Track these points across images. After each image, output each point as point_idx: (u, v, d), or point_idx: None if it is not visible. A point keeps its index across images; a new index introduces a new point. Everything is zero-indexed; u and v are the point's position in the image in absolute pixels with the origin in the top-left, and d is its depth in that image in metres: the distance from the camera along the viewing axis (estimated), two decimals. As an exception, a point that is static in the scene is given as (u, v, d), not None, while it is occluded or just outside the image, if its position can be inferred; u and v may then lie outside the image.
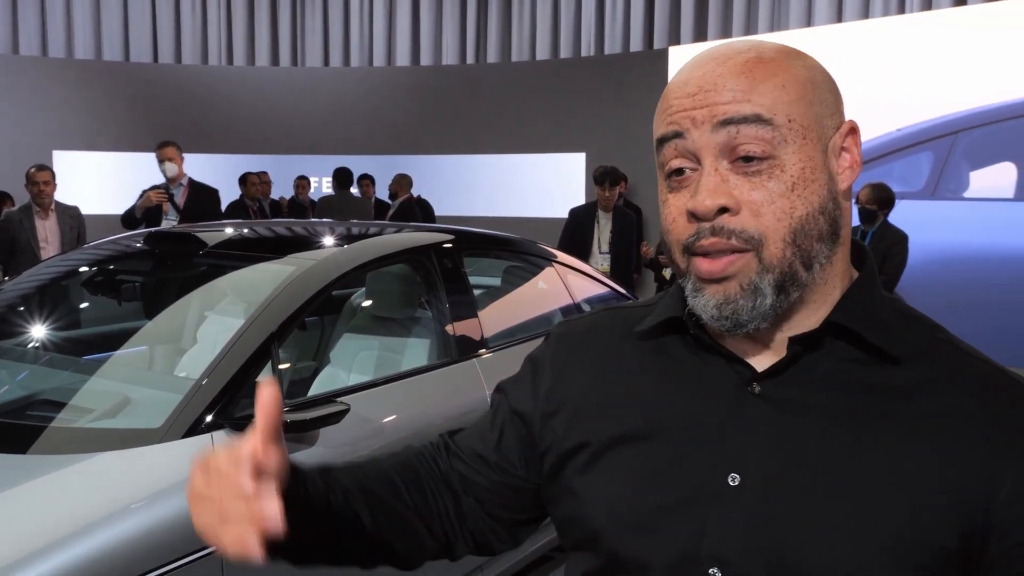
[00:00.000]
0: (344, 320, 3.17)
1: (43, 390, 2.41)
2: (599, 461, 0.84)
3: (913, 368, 0.76)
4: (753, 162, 0.74)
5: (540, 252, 3.58)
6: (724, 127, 0.74)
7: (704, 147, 0.75)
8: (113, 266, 3.18)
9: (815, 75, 0.78)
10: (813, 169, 0.75)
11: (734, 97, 0.74)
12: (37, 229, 5.21)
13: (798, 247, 0.74)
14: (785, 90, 0.75)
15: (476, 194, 10.55)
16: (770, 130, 0.74)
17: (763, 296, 0.75)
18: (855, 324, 0.77)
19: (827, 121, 0.77)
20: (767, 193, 0.74)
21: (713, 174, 0.75)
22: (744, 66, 0.75)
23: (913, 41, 7.29)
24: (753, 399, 0.78)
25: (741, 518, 0.75)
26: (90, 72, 10.69)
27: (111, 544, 1.68)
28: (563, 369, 0.92)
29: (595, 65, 10.12)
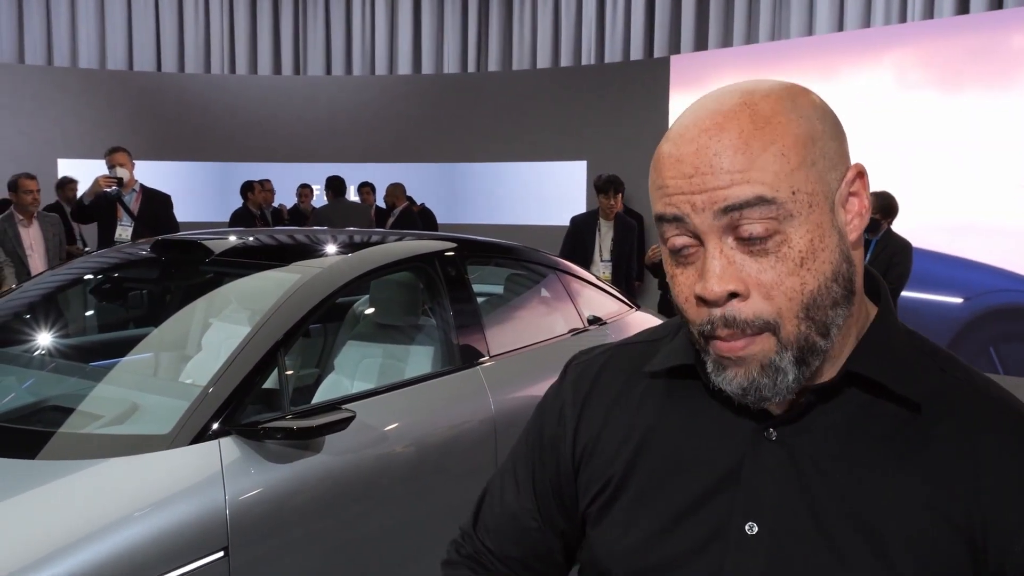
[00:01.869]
0: (348, 328, 3.18)
1: (51, 396, 2.42)
2: (614, 508, 0.84)
3: (930, 412, 0.75)
4: (757, 242, 0.71)
5: (542, 260, 3.60)
6: (726, 214, 0.71)
7: (706, 231, 0.72)
8: (120, 274, 3.20)
9: (815, 126, 0.73)
10: (822, 237, 0.71)
11: (732, 180, 0.70)
12: (22, 237, 5.23)
13: (812, 320, 0.72)
14: (786, 158, 0.70)
15: (478, 202, 10.57)
16: (774, 208, 0.70)
17: (784, 374, 0.73)
18: (876, 373, 0.75)
19: (831, 175, 0.73)
20: (776, 274, 0.71)
21: (719, 256, 0.72)
22: (739, 138, 0.71)
23: (915, 49, 7.32)
24: (769, 445, 0.77)
25: (758, 567, 0.75)
26: (94, 81, 10.74)
27: (119, 549, 1.69)
28: (580, 417, 0.90)
29: (596, 73, 10.15)
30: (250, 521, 1.94)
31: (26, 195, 5.23)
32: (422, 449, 2.48)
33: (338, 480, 2.18)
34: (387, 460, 2.36)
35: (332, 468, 2.17)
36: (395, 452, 2.40)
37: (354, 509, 2.24)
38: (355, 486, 2.24)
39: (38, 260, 5.30)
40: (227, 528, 1.89)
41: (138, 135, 10.45)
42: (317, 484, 2.13)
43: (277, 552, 2.03)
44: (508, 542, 0.96)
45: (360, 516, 2.27)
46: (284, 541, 2.04)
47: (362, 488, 2.26)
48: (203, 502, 1.87)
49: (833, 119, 0.76)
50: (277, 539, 2.02)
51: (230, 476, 1.94)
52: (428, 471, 2.49)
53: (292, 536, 2.06)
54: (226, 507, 1.90)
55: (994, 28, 7.02)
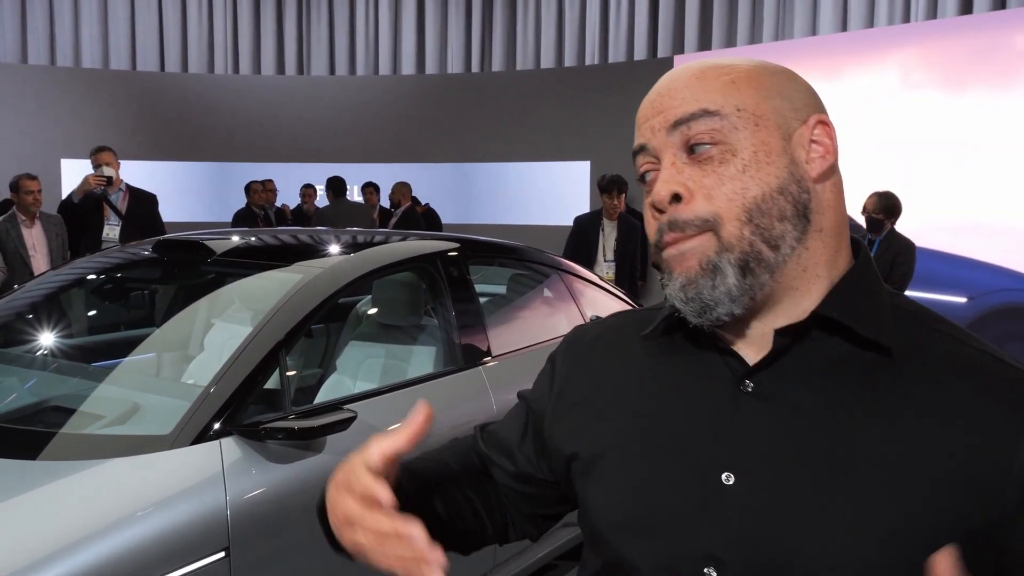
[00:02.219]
0: (350, 328, 3.18)
1: (53, 397, 2.42)
2: (599, 464, 0.86)
3: (907, 360, 0.76)
4: (703, 149, 0.77)
5: (545, 260, 3.59)
6: (676, 128, 0.78)
7: (662, 148, 0.80)
8: (122, 274, 3.20)
9: (777, 77, 0.81)
10: (768, 152, 0.77)
11: (683, 99, 0.79)
12: (24, 238, 5.23)
13: (756, 226, 0.76)
14: (735, 85, 0.78)
15: (481, 202, 10.57)
16: (718, 120, 0.77)
17: (723, 275, 0.76)
18: (844, 317, 0.77)
19: (789, 114, 0.79)
20: (718, 177, 0.77)
21: (669, 167, 0.79)
22: (698, 71, 0.80)
23: (918, 49, 7.30)
24: (746, 396, 0.79)
25: (735, 517, 0.76)
26: (97, 81, 10.76)
27: (120, 550, 1.69)
28: (570, 374, 0.95)
29: (599, 73, 10.15)
30: (251, 521, 1.94)
31: (27, 196, 5.23)
32: (423, 449, 2.47)
33: (340, 481, 2.18)
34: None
35: (333, 468, 2.16)
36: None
37: (356, 510, 2.24)
38: (357, 487, 2.23)
39: (41, 260, 5.30)
40: (228, 528, 1.89)
41: (141, 135, 10.47)
42: (319, 485, 2.11)
43: (278, 552, 2.02)
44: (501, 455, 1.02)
45: (362, 517, 2.26)
46: (285, 541, 2.04)
47: (364, 489, 2.25)
48: (204, 502, 1.87)
49: (805, 84, 0.83)
50: (278, 539, 2.02)
51: (231, 476, 1.94)
52: (430, 472, 2.49)
53: (293, 537, 2.06)
54: (227, 507, 1.90)
55: (997, 28, 7.00)
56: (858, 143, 7.39)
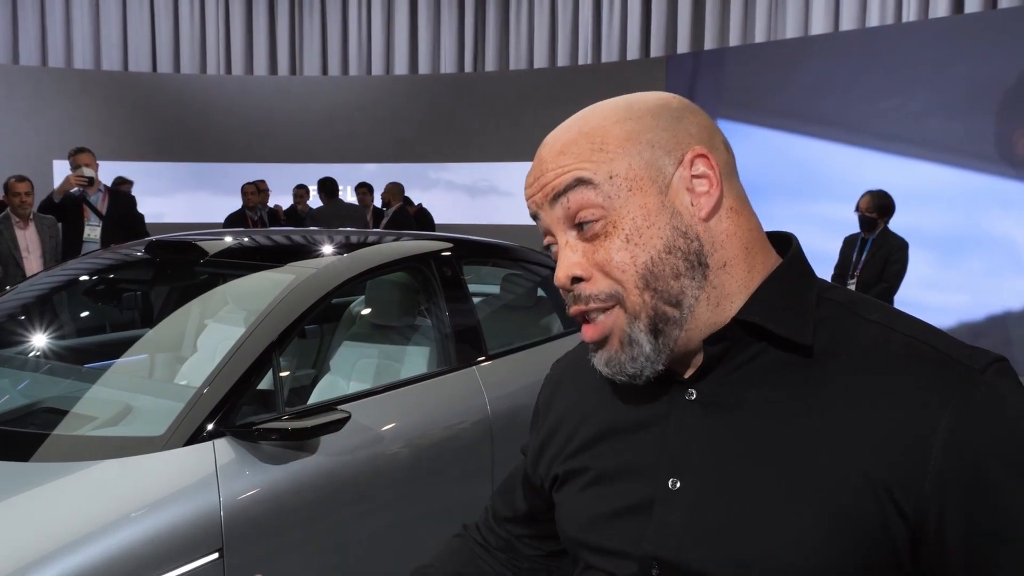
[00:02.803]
0: (344, 328, 3.17)
1: (45, 398, 2.41)
2: (568, 479, 0.92)
3: (832, 355, 0.77)
4: (588, 225, 0.80)
5: (539, 260, 3.59)
6: (557, 200, 0.81)
7: (552, 224, 0.83)
8: (114, 275, 3.20)
9: (643, 122, 0.81)
10: (647, 216, 0.79)
11: (557, 173, 0.81)
12: (18, 239, 5.21)
13: (655, 290, 0.78)
14: (603, 151, 0.80)
15: (474, 202, 10.56)
16: (592, 190, 0.79)
17: (639, 345, 0.80)
18: (763, 320, 0.79)
19: (664, 161, 0.80)
20: (607, 252, 0.79)
21: (565, 247, 0.82)
22: (564, 145, 0.82)
23: (910, 48, 7.32)
24: (689, 404, 0.82)
25: (680, 518, 0.79)
26: (89, 81, 10.72)
27: (113, 552, 1.69)
28: (549, 408, 1.01)
29: (592, 73, 10.16)
30: (245, 522, 1.94)
31: (13, 197, 5.22)
32: (418, 450, 2.47)
33: (333, 481, 2.18)
34: (382, 461, 2.36)
35: (327, 469, 2.16)
36: (390, 453, 2.39)
37: (349, 510, 2.24)
38: (350, 487, 2.23)
39: (34, 261, 5.28)
40: (222, 529, 1.88)
41: (133, 136, 10.45)
42: (312, 485, 2.12)
43: (272, 553, 2.02)
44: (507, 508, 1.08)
45: (355, 517, 2.26)
46: (279, 542, 2.04)
47: (357, 489, 2.26)
48: (198, 504, 1.86)
49: (672, 113, 0.82)
50: (272, 540, 2.02)
51: (225, 477, 1.94)
52: (424, 472, 2.49)
53: (287, 537, 2.05)
54: (221, 509, 1.89)
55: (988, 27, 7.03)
56: (853, 143, 7.41)
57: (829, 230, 5.79)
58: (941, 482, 0.71)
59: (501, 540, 1.09)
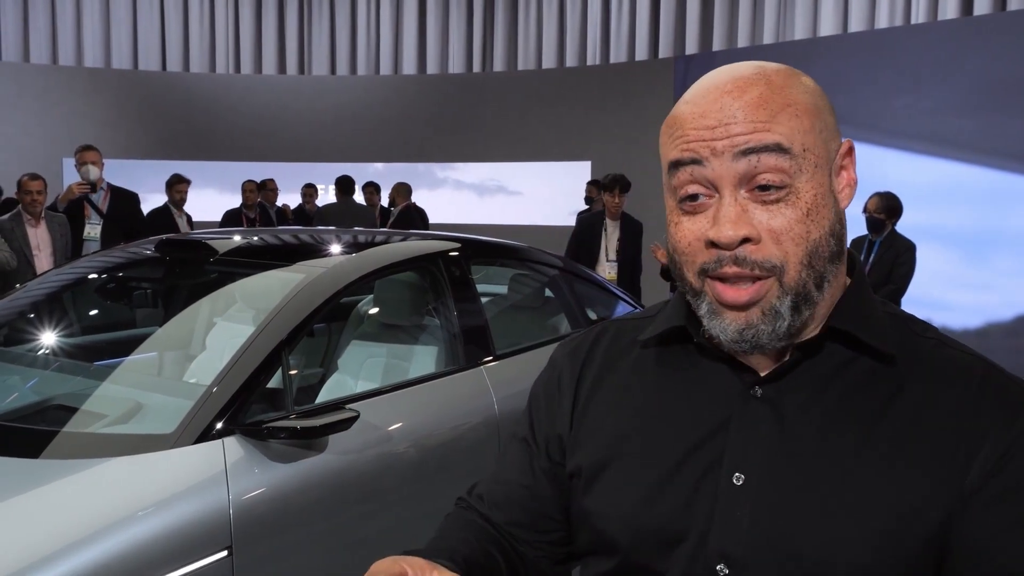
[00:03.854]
0: (352, 327, 3.18)
1: (55, 396, 2.42)
2: (603, 473, 0.88)
3: (903, 366, 0.80)
4: (771, 191, 0.76)
5: (546, 260, 3.59)
6: (745, 156, 0.76)
7: (723, 176, 0.77)
8: (124, 273, 3.21)
9: (818, 100, 0.80)
10: (823, 195, 0.78)
11: (755, 128, 0.76)
12: (29, 237, 5.23)
13: (813, 268, 0.78)
14: (799, 119, 0.77)
15: (482, 202, 10.57)
16: (788, 159, 0.76)
17: (782, 319, 0.78)
18: (852, 327, 0.80)
19: (831, 144, 0.80)
20: (786, 221, 0.76)
21: (734, 204, 0.77)
22: (760, 97, 0.77)
23: (919, 50, 7.30)
24: (755, 401, 0.82)
25: (745, 515, 0.79)
26: (99, 80, 10.77)
27: (123, 549, 1.69)
28: (578, 386, 0.94)
29: (601, 74, 10.15)
30: (254, 520, 1.94)
31: (25, 195, 5.24)
32: (425, 449, 2.48)
33: (341, 480, 2.18)
34: (390, 460, 2.36)
35: (336, 468, 2.17)
36: (398, 452, 2.40)
37: (357, 509, 2.24)
38: (358, 486, 2.23)
39: (45, 260, 5.30)
40: (231, 527, 1.89)
41: (143, 134, 10.48)
42: (320, 484, 2.13)
43: (281, 551, 2.03)
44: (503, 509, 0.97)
45: (363, 516, 2.27)
46: (287, 541, 2.04)
47: (365, 488, 2.26)
48: (207, 501, 1.87)
49: (828, 100, 0.83)
50: (280, 538, 2.02)
51: (234, 475, 1.94)
52: (431, 471, 2.49)
53: (295, 536, 2.06)
54: (230, 506, 1.90)
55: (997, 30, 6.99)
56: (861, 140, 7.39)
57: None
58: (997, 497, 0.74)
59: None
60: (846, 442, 0.78)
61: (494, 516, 0.97)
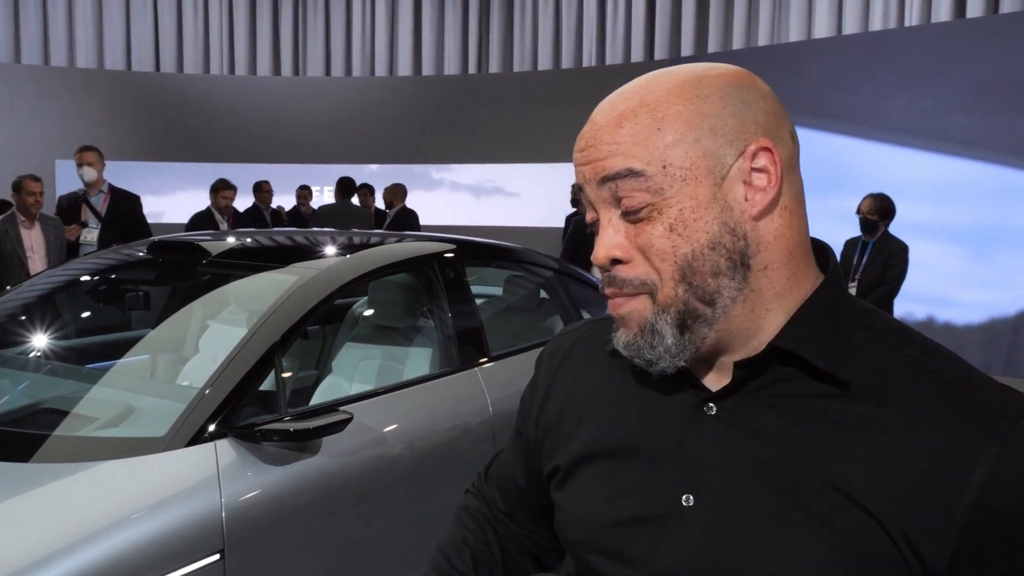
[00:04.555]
0: (346, 329, 3.17)
1: (46, 399, 2.41)
2: (572, 476, 0.88)
3: (865, 393, 0.75)
4: (632, 213, 0.76)
5: (541, 261, 3.59)
6: (605, 184, 0.77)
7: (597, 201, 0.79)
8: (116, 275, 3.19)
9: (711, 105, 0.76)
10: (695, 208, 0.75)
11: (609, 152, 0.76)
12: (23, 239, 5.20)
13: (690, 285, 0.76)
14: (661, 134, 0.75)
15: (477, 203, 10.56)
16: (643, 180, 0.75)
17: (661, 336, 0.77)
18: (800, 348, 0.76)
19: (725, 151, 0.75)
20: (648, 238, 0.76)
21: (608, 226, 0.79)
22: (621, 117, 0.77)
23: (913, 52, 7.31)
24: (709, 419, 0.79)
25: (693, 538, 0.77)
26: (92, 81, 10.73)
27: (115, 553, 1.68)
28: (548, 391, 0.96)
29: (596, 75, 10.15)
30: (246, 524, 1.93)
31: (28, 196, 5.21)
32: (420, 451, 2.47)
33: (335, 482, 2.17)
34: (385, 462, 2.35)
35: (329, 470, 2.16)
36: (393, 454, 2.39)
37: (351, 511, 2.23)
38: (352, 488, 2.23)
39: (38, 262, 5.27)
40: (223, 531, 1.88)
41: (136, 135, 10.45)
42: (314, 486, 2.12)
43: (274, 555, 2.02)
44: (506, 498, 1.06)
45: (357, 518, 2.26)
46: (281, 544, 2.03)
47: (359, 490, 2.25)
48: (199, 505, 1.86)
49: (742, 97, 0.77)
50: (274, 542, 2.01)
51: (226, 478, 1.93)
52: (426, 473, 2.48)
53: (289, 538, 2.05)
54: (222, 510, 1.89)
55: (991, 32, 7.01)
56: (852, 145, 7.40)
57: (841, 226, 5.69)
58: (971, 535, 0.70)
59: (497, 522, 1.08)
60: (793, 469, 0.74)
61: (497, 502, 1.07)
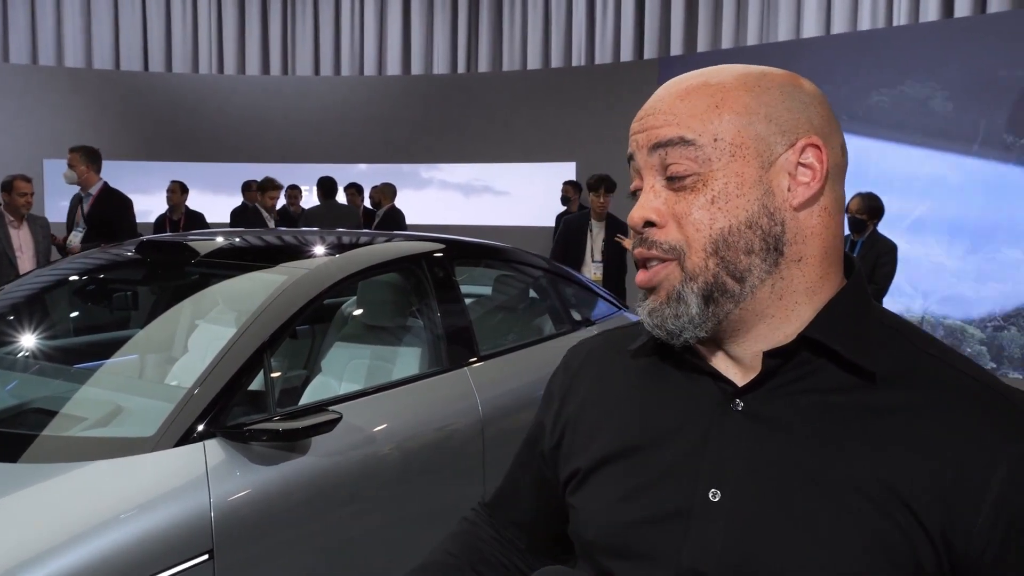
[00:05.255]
0: (335, 329, 3.17)
1: (34, 399, 2.40)
2: (591, 478, 0.88)
3: (892, 384, 0.77)
4: (677, 180, 0.79)
5: (531, 261, 3.59)
6: (656, 150, 0.80)
7: (645, 167, 0.82)
8: (105, 275, 3.18)
9: (769, 95, 0.79)
10: (740, 184, 0.77)
11: (665, 121, 0.80)
12: (12, 238, 5.19)
13: (721, 258, 0.78)
14: (718, 110, 0.78)
15: (467, 203, 10.56)
16: (693, 149, 0.78)
17: (686, 304, 0.79)
18: (830, 339, 0.77)
19: (776, 139, 0.78)
20: (687, 206, 0.78)
21: (649, 191, 0.81)
22: (684, 91, 0.81)
23: (900, 52, 7.35)
24: (735, 415, 0.80)
25: (720, 533, 0.77)
26: (80, 80, 10.68)
27: (103, 553, 1.68)
28: (566, 396, 0.97)
29: (586, 75, 10.17)
30: (235, 524, 1.93)
31: (19, 197, 5.21)
32: (409, 451, 2.47)
33: (324, 482, 2.17)
34: (374, 462, 2.35)
35: (318, 470, 2.16)
36: (382, 454, 2.39)
37: (341, 511, 2.23)
38: (342, 488, 2.23)
39: (27, 261, 5.26)
40: (212, 531, 1.88)
41: (125, 135, 10.41)
42: (303, 486, 2.12)
43: (263, 555, 2.01)
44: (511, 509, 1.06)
45: (347, 518, 2.26)
46: (270, 544, 2.03)
47: (349, 490, 2.25)
48: (188, 505, 1.86)
49: (800, 97, 0.81)
50: (263, 542, 2.01)
51: (215, 478, 1.93)
52: (415, 472, 2.48)
53: (278, 538, 2.05)
54: (211, 510, 1.89)
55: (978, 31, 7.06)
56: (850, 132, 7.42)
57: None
58: (997, 527, 0.71)
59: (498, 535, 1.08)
60: (821, 461, 0.75)
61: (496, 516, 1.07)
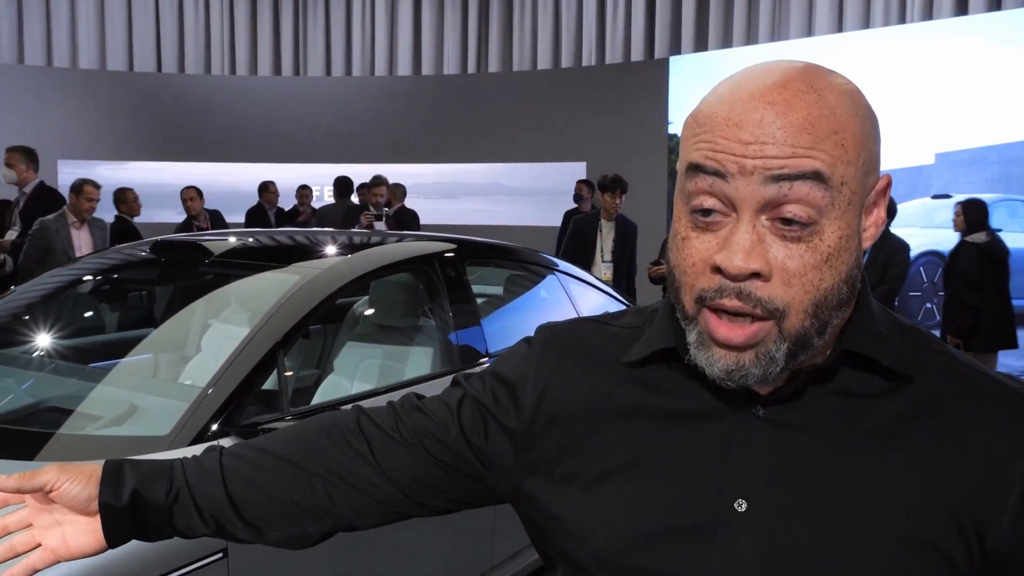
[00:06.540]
0: (347, 329, 3.18)
1: (50, 398, 2.42)
2: (597, 487, 0.81)
3: (912, 385, 0.76)
4: (795, 226, 0.69)
5: (542, 261, 3.60)
6: (776, 182, 0.68)
7: (747, 198, 0.69)
8: (119, 275, 3.20)
9: (868, 127, 0.72)
10: (848, 238, 0.70)
11: (795, 152, 0.68)
12: (72, 239, 5.30)
13: (817, 318, 0.71)
14: (843, 149, 0.69)
15: (477, 203, 10.57)
16: (822, 191, 0.68)
17: (775, 364, 0.72)
18: (868, 349, 0.75)
19: (868, 179, 0.72)
20: (802, 263, 0.69)
21: (751, 231, 0.69)
22: (807, 119, 0.68)
23: (914, 50, 7.32)
24: (757, 422, 0.76)
25: (748, 543, 0.75)
26: (94, 81, 10.75)
27: (118, 551, 1.68)
28: (549, 382, 0.87)
29: (596, 74, 10.16)
30: (249, 522, 1.94)
31: (87, 201, 5.34)
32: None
33: (337, 481, 2.17)
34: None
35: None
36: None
37: (353, 510, 2.24)
38: (354, 487, 2.23)
39: None
40: (226, 529, 1.89)
41: (138, 136, 10.47)
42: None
43: (276, 553, 2.02)
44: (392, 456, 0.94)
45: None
46: (283, 542, 2.04)
47: (361, 489, 2.25)
48: (202, 503, 1.87)
49: (877, 125, 0.74)
50: (276, 540, 2.02)
51: (229, 477, 1.94)
52: (427, 472, 2.48)
53: (291, 537, 2.05)
54: (225, 508, 1.90)
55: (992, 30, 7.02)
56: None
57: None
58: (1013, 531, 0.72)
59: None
60: (853, 469, 0.74)
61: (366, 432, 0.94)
